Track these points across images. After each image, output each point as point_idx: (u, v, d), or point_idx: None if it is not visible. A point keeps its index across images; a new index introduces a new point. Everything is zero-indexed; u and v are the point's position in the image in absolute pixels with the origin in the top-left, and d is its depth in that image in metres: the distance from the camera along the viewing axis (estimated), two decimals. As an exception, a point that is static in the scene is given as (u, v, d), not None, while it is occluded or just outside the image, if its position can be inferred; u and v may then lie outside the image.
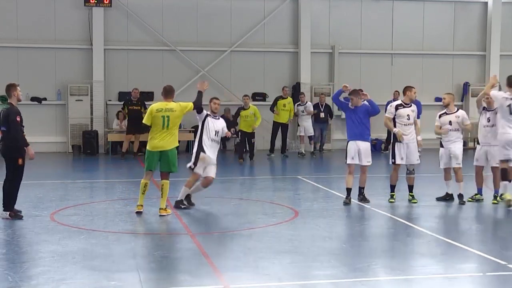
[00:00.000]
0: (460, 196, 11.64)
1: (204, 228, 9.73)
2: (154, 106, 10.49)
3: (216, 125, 11.13)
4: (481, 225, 10.50)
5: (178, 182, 13.30)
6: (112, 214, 10.71)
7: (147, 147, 10.55)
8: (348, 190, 11.53)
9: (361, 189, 11.67)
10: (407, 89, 11.85)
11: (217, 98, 11.50)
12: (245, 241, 8.82)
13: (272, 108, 19.98)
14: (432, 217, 10.73)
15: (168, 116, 10.32)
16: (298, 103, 20.48)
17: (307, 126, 20.32)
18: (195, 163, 10.92)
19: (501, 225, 10.61)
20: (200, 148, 10.98)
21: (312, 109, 20.35)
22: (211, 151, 11.00)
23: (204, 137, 11.01)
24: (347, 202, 11.48)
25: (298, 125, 20.50)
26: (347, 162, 11.55)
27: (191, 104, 10.61)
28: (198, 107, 10.80)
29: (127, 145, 19.76)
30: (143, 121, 10.53)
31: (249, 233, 9.29)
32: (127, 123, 19.77)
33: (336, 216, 10.67)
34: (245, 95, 18.77)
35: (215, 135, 11.08)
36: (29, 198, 11.68)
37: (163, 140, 10.35)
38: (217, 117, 11.36)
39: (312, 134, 20.45)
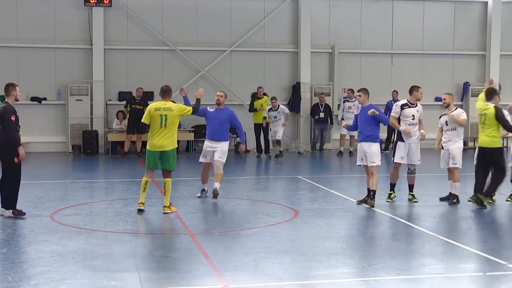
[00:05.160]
0: (453, 196, 11.62)
1: (204, 228, 9.73)
2: (153, 105, 10.72)
3: None
4: (481, 225, 10.50)
5: (178, 182, 13.31)
6: (112, 214, 10.71)
7: (147, 147, 10.69)
8: (368, 190, 11.47)
9: (368, 191, 11.39)
10: (413, 89, 11.80)
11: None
12: (245, 241, 8.82)
13: (251, 109, 20.03)
14: (432, 217, 10.72)
15: (166, 115, 10.46)
16: (269, 108, 19.43)
17: (278, 131, 19.30)
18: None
19: (501, 225, 10.61)
20: None
21: (287, 111, 19.50)
22: None
23: None
24: (359, 202, 11.51)
25: (270, 129, 19.59)
26: (357, 164, 11.69)
27: (189, 108, 10.86)
28: (196, 111, 11.29)
29: (129, 144, 19.74)
30: (142, 120, 10.75)
31: (249, 233, 9.29)
32: (128, 122, 19.73)
33: (336, 216, 10.66)
34: None
35: None
36: (29, 198, 11.68)
37: (162, 140, 10.47)
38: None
39: (280, 138, 19.36)
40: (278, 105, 19.39)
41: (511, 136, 12.22)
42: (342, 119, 20.58)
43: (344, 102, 20.78)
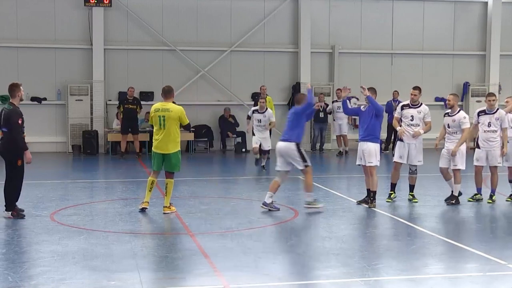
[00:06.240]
0: (453, 196, 11.62)
1: (204, 228, 9.73)
2: (154, 106, 10.79)
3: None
4: (481, 225, 10.50)
5: (178, 182, 13.30)
6: (112, 214, 10.71)
7: (152, 148, 10.76)
8: (367, 191, 11.48)
9: (368, 192, 11.41)
10: (411, 90, 11.87)
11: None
12: (245, 241, 8.82)
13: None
14: (433, 217, 10.72)
15: (163, 116, 10.49)
16: (255, 109, 16.32)
17: (266, 139, 16.27)
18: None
19: (501, 225, 10.61)
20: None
21: (273, 119, 16.27)
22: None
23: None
24: (359, 202, 11.52)
25: (254, 135, 16.42)
26: (356, 163, 11.64)
27: (186, 122, 10.73)
28: (188, 130, 12.14)
29: (125, 145, 19.73)
30: (149, 122, 10.89)
31: (249, 233, 9.29)
32: (122, 122, 19.65)
33: (336, 216, 10.66)
34: None
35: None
36: (29, 198, 11.68)
37: (164, 142, 10.50)
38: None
39: (269, 148, 16.32)
40: (266, 109, 16.27)
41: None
42: (333, 119, 20.69)
43: (333, 102, 20.87)
